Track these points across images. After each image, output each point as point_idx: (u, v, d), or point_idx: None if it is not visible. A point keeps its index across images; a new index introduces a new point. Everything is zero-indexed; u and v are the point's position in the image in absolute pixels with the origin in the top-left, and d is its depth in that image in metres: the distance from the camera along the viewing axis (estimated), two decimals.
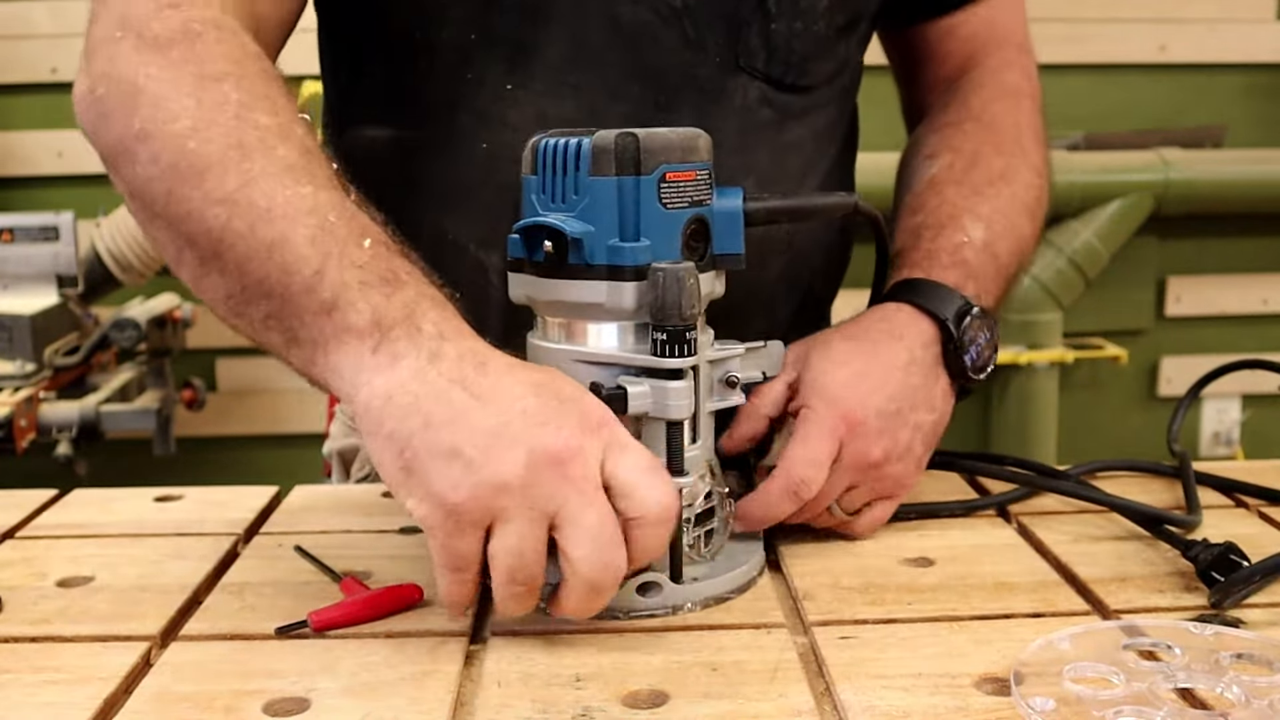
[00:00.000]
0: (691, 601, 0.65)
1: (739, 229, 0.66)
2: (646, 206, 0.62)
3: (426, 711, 0.54)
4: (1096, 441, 2.67)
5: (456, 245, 0.80)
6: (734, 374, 0.67)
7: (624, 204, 0.62)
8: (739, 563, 0.68)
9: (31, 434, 1.94)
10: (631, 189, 0.62)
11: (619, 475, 0.56)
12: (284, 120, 0.64)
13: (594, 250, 0.62)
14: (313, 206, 0.60)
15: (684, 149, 0.63)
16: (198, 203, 0.61)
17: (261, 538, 0.77)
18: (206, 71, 0.64)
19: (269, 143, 0.62)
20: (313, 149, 0.64)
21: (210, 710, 0.54)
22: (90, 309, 2.24)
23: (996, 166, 0.84)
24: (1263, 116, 2.60)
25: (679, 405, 0.62)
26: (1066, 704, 0.52)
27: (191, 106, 0.63)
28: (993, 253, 0.80)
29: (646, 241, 0.62)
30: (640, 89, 0.78)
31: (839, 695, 0.55)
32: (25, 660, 0.59)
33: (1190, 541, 0.69)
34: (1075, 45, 2.51)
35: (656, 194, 0.62)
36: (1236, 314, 2.68)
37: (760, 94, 0.81)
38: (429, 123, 0.80)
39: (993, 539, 0.75)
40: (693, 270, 0.61)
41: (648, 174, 0.62)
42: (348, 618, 0.63)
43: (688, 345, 0.62)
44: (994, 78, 0.91)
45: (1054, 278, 2.47)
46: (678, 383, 0.62)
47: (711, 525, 0.67)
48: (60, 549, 0.75)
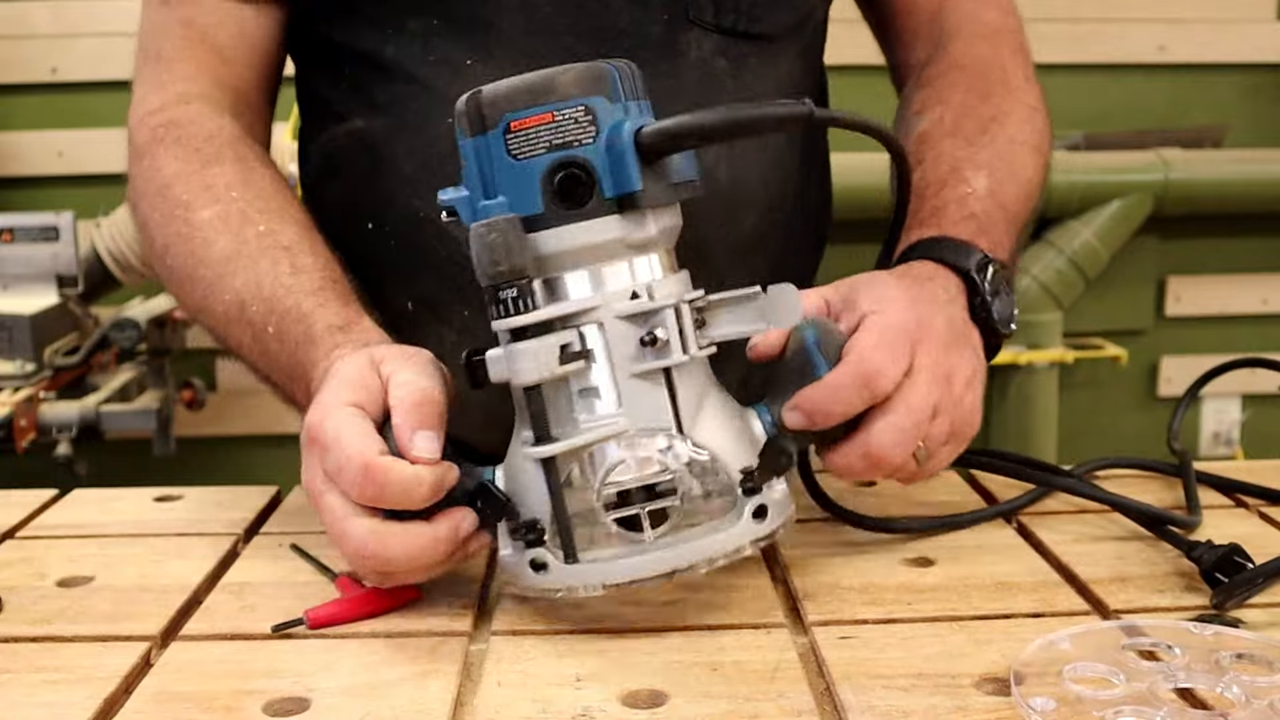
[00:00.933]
0: (588, 585, 0.60)
1: (630, 161, 0.58)
2: (498, 161, 0.59)
3: (426, 711, 0.54)
4: (1096, 441, 2.66)
5: (427, 220, 0.82)
6: (657, 331, 0.59)
7: (481, 163, 0.60)
8: (685, 547, 0.60)
9: (31, 434, 1.94)
10: (484, 147, 0.59)
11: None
12: (220, 209, 0.77)
13: (467, 214, 0.60)
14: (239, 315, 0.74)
15: (533, 92, 0.59)
16: (191, 311, 0.79)
17: (261, 538, 0.77)
18: (161, 183, 0.80)
19: (210, 240, 0.76)
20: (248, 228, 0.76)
21: (210, 710, 0.54)
22: (90, 309, 2.23)
23: (987, 111, 0.83)
24: (1263, 116, 2.60)
25: (523, 368, 0.58)
26: (1066, 704, 0.52)
27: (159, 221, 0.79)
28: (999, 201, 0.78)
29: (502, 198, 0.59)
30: (594, 52, 0.78)
31: (839, 695, 0.55)
32: (25, 660, 0.59)
33: (1194, 542, 0.68)
34: (1075, 45, 2.51)
35: (505, 146, 0.59)
36: (1236, 314, 2.68)
37: (715, 46, 0.81)
38: (397, 109, 0.83)
39: (993, 539, 0.75)
40: (501, 224, 0.57)
41: (493, 128, 0.59)
42: (343, 615, 0.63)
43: (508, 304, 0.58)
44: (971, 21, 0.90)
45: (1054, 278, 2.47)
46: (520, 344, 0.58)
47: (662, 504, 0.59)
48: (60, 549, 0.75)
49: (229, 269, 0.75)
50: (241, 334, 0.74)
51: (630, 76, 0.61)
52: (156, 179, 0.80)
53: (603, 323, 0.59)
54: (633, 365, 0.60)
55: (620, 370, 0.60)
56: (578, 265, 0.60)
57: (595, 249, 0.59)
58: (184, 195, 0.78)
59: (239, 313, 0.74)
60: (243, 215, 0.76)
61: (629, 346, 0.59)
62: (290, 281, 0.72)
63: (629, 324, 0.60)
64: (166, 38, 0.85)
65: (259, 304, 0.73)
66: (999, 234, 0.77)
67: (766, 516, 0.61)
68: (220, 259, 0.75)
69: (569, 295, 0.60)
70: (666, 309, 0.59)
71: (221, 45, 0.84)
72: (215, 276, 0.75)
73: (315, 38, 0.86)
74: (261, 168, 0.81)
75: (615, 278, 0.60)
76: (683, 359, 0.60)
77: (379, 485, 0.58)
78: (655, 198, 0.60)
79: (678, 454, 0.60)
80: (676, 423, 0.60)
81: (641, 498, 0.59)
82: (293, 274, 0.73)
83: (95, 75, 2.36)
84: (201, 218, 0.77)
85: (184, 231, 0.77)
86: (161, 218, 0.79)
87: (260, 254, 0.74)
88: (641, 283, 0.60)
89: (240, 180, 0.78)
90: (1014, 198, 0.80)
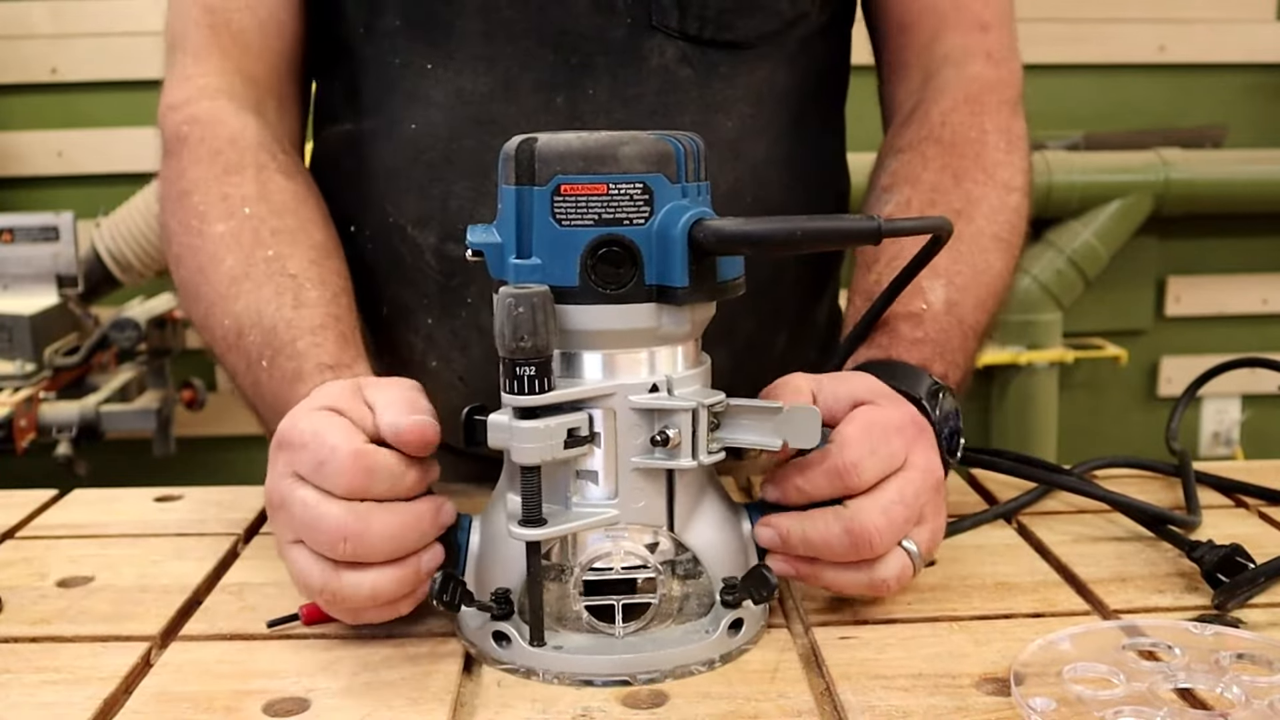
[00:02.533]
0: (546, 671, 0.57)
1: (679, 254, 0.55)
2: (539, 221, 0.55)
3: (426, 711, 0.54)
4: (1096, 441, 2.67)
5: (396, 226, 0.82)
6: (669, 431, 0.56)
7: (520, 215, 0.55)
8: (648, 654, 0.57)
9: (31, 434, 1.94)
10: (526, 199, 0.55)
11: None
12: (234, 225, 0.75)
13: (497, 265, 0.57)
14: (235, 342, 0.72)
15: (590, 158, 0.54)
16: (195, 324, 0.78)
17: (261, 538, 0.77)
18: (182, 189, 0.78)
19: (219, 257, 0.75)
20: (259, 250, 0.74)
21: (210, 710, 0.54)
22: (90, 309, 2.24)
23: (956, 201, 0.78)
24: (1263, 116, 2.61)
25: (524, 449, 0.54)
26: (1066, 704, 0.52)
27: (175, 229, 0.78)
28: (957, 316, 0.73)
29: (537, 260, 0.55)
30: (553, 56, 0.78)
31: (839, 695, 0.55)
32: (25, 660, 0.59)
33: (1194, 542, 0.68)
34: (1075, 45, 2.51)
35: (550, 208, 0.55)
36: (1236, 314, 2.68)
37: (679, 53, 0.79)
38: (372, 112, 0.83)
39: (993, 539, 0.75)
40: (534, 298, 0.53)
41: (542, 184, 0.55)
42: None
43: (523, 381, 0.53)
44: (958, 75, 0.85)
45: (1054, 278, 2.48)
46: (526, 423, 0.54)
47: (639, 600, 0.57)
48: (60, 549, 0.75)
49: (232, 291, 0.73)
50: (236, 361, 0.73)
51: (695, 155, 0.57)
52: (179, 183, 0.79)
53: (615, 411, 0.56)
54: (638, 458, 0.57)
55: (624, 461, 0.57)
56: (601, 346, 0.57)
57: (624, 334, 0.56)
58: (200, 205, 0.77)
59: (236, 339, 0.72)
60: (255, 235, 0.75)
61: (638, 439, 0.57)
62: (291, 315, 0.70)
63: (642, 417, 0.57)
64: (190, 26, 0.84)
65: (257, 334, 0.71)
66: (953, 353, 0.72)
67: (741, 629, 0.59)
68: (226, 279, 0.74)
69: (585, 376, 0.57)
70: (683, 411, 0.56)
71: (244, 32, 0.83)
72: (218, 297, 0.74)
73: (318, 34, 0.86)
74: (282, 179, 0.79)
75: (636, 366, 0.57)
76: (690, 464, 0.57)
77: (368, 471, 0.56)
78: (698, 295, 0.56)
79: (664, 553, 0.58)
80: (669, 521, 0.58)
81: (620, 590, 0.57)
82: (295, 308, 0.71)
83: (95, 75, 2.36)
84: (215, 231, 0.75)
85: (196, 244, 0.76)
86: (178, 225, 0.78)
87: (266, 280, 0.72)
88: (662, 375, 0.57)
89: (257, 194, 0.77)
90: (974, 306, 0.75)
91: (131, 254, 2.18)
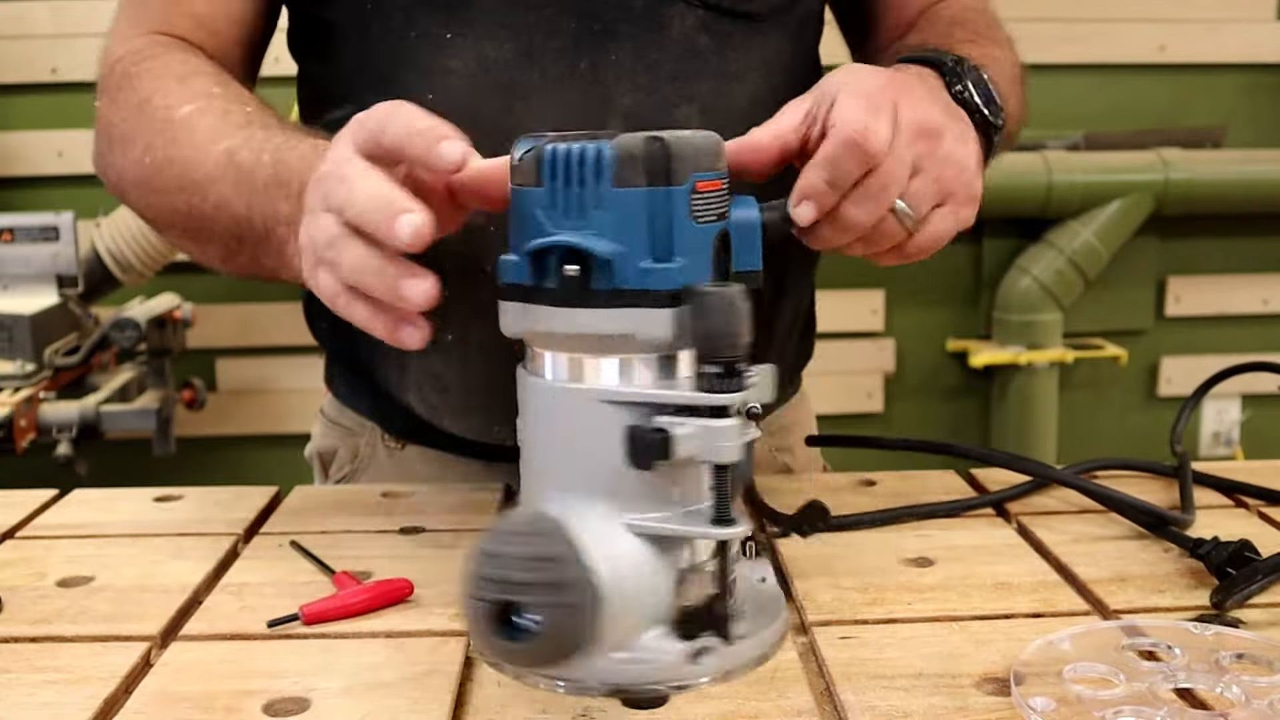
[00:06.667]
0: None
1: (756, 243, 0.59)
2: (679, 221, 0.54)
3: (426, 711, 0.54)
4: (1096, 441, 2.67)
5: None
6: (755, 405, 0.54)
7: (655, 219, 0.53)
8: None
9: (31, 434, 1.94)
10: (663, 201, 0.53)
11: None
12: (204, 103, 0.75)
13: (623, 273, 0.53)
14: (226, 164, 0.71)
15: (711, 155, 0.56)
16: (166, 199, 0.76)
17: (261, 538, 0.77)
18: (140, 98, 0.79)
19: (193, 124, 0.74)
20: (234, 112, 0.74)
21: (210, 710, 0.54)
22: (90, 309, 2.24)
23: (973, 48, 0.80)
24: (1263, 116, 2.60)
25: (729, 446, 0.52)
26: (1066, 704, 0.52)
27: (138, 129, 0.77)
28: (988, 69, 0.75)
29: (681, 261, 0.53)
30: (575, 23, 0.79)
31: (839, 695, 0.55)
32: (25, 660, 0.59)
33: (1200, 540, 0.69)
34: (1075, 45, 2.51)
35: (688, 207, 0.54)
36: (1236, 314, 2.68)
37: (698, 21, 0.80)
38: (380, 89, 0.82)
39: (993, 539, 0.75)
40: (743, 293, 0.52)
41: (679, 184, 0.53)
42: (339, 612, 0.63)
43: (740, 378, 0.52)
44: (948, 10, 0.89)
45: (1054, 278, 2.48)
46: (726, 421, 0.52)
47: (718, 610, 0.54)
48: (60, 549, 0.75)
49: (214, 137, 0.72)
50: (225, 187, 0.71)
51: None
52: (132, 99, 0.79)
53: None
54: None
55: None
56: None
57: None
58: (163, 102, 0.77)
59: (226, 161, 0.71)
60: (225, 108, 0.75)
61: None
62: (285, 134, 0.71)
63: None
64: (144, 3, 0.85)
65: (249, 150, 0.70)
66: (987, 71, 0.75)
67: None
68: (205, 134, 0.73)
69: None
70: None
71: (200, 14, 0.84)
72: (200, 144, 0.73)
73: (305, 18, 0.86)
74: (241, 83, 0.80)
75: None
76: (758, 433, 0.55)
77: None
78: (756, 279, 0.58)
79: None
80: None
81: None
82: (284, 131, 0.72)
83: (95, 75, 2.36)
84: (183, 113, 0.75)
85: (166, 129, 0.75)
86: (142, 124, 0.78)
87: (248, 123, 0.73)
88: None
89: (220, 87, 0.77)
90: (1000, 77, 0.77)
91: (131, 254, 2.18)
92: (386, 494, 0.85)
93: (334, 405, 0.99)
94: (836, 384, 2.58)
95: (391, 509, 0.82)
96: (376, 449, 0.95)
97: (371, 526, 0.78)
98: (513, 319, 0.56)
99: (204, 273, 0.90)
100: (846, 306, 2.55)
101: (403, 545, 0.75)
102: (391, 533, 0.77)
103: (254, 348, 2.54)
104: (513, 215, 0.56)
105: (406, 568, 0.70)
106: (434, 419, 0.86)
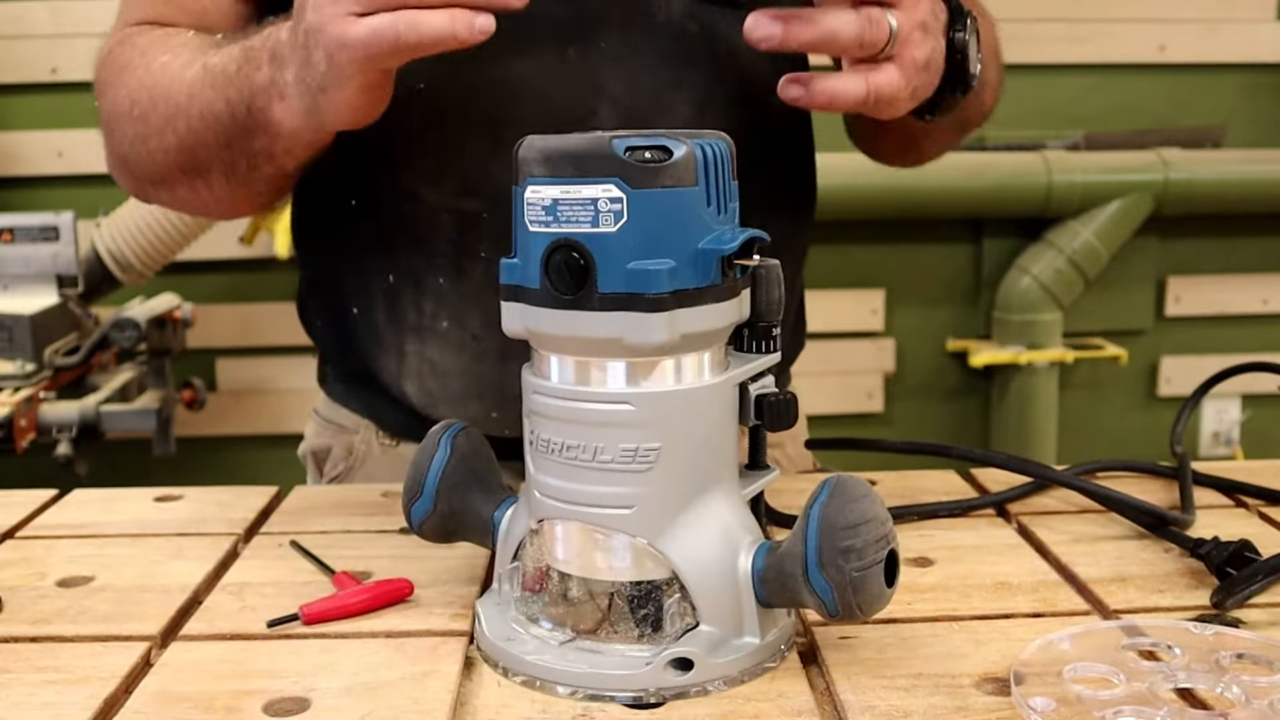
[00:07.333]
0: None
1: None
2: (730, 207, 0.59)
3: (426, 711, 0.54)
4: (1096, 441, 2.67)
5: (406, 189, 0.83)
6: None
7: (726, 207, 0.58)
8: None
9: (31, 434, 1.94)
10: (733, 194, 0.59)
11: None
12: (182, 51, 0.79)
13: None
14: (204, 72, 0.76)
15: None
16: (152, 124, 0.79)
17: (261, 538, 0.77)
18: (122, 64, 0.82)
19: (171, 62, 0.79)
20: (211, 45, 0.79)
21: (210, 710, 0.54)
22: (90, 309, 2.24)
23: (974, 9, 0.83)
24: (1263, 116, 2.61)
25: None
26: (1066, 704, 0.52)
27: (124, 87, 0.81)
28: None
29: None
30: (564, 10, 0.79)
31: (839, 695, 0.55)
32: (25, 660, 0.59)
33: (1200, 540, 0.69)
34: (1075, 45, 2.51)
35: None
36: (1236, 314, 2.68)
37: (685, 8, 0.81)
38: None
39: (993, 539, 0.75)
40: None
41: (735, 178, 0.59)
42: (339, 611, 0.63)
43: (773, 341, 0.60)
44: None
45: (1054, 278, 2.48)
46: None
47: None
48: (60, 549, 0.75)
49: (188, 62, 0.77)
50: (205, 93, 0.75)
51: None
52: (118, 74, 0.83)
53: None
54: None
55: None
56: None
57: None
58: (141, 60, 0.81)
59: (201, 73, 0.75)
60: (198, 43, 0.79)
61: None
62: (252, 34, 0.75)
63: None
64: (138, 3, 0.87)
65: (220, 55, 0.75)
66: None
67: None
68: (181, 65, 0.78)
69: None
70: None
71: (191, 8, 0.85)
72: (177, 73, 0.77)
73: None
74: None
75: None
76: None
77: None
78: None
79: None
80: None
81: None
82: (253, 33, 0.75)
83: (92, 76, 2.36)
84: (160, 60, 0.80)
85: (146, 78, 0.80)
86: (128, 85, 0.81)
87: (219, 43, 0.77)
88: None
89: (197, 36, 0.81)
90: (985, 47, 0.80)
91: (131, 254, 2.18)
92: (386, 494, 0.85)
93: (328, 404, 0.99)
94: (836, 384, 2.58)
95: (391, 509, 0.82)
96: (371, 447, 0.95)
97: (371, 526, 0.78)
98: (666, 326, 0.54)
99: (204, 272, 0.90)
100: (846, 306, 2.55)
101: (403, 545, 0.75)
102: (391, 533, 0.77)
103: (254, 348, 2.54)
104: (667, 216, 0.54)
105: (406, 568, 0.70)
106: (431, 409, 0.86)
